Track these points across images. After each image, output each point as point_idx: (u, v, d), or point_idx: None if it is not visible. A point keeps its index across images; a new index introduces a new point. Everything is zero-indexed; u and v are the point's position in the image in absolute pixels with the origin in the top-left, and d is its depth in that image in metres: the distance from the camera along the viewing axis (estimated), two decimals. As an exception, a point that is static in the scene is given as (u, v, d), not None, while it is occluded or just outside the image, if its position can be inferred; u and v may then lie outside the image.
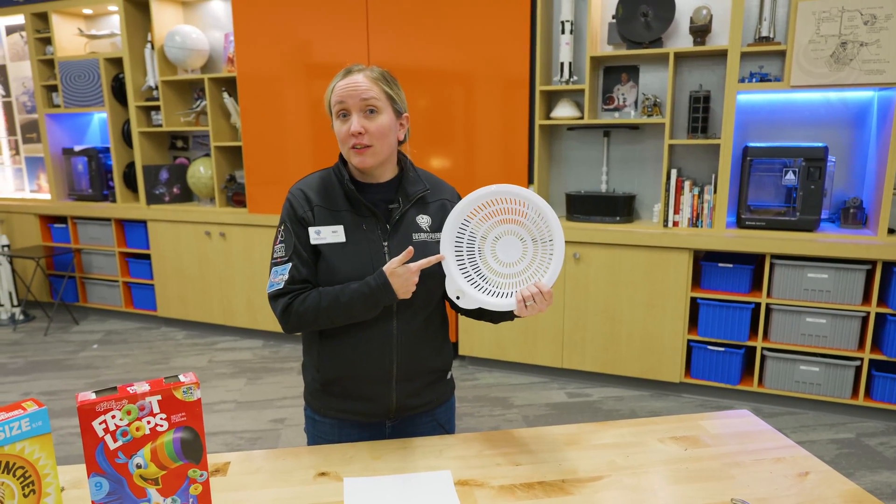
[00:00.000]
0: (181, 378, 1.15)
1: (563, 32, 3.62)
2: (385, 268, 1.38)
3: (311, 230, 1.43)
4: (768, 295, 3.28)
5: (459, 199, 1.60)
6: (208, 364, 4.10)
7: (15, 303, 5.08)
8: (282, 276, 1.43)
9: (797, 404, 3.34)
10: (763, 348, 3.32)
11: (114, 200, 4.97)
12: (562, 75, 3.66)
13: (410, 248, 1.37)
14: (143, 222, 4.78)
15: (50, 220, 5.22)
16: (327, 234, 1.43)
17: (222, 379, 3.85)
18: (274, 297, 1.43)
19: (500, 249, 1.43)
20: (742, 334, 3.33)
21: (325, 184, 1.48)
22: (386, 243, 1.45)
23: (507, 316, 1.47)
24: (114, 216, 4.85)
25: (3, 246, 4.97)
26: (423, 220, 1.50)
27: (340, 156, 1.52)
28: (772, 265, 3.24)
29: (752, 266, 3.32)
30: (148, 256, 4.88)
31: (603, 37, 3.70)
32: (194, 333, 4.73)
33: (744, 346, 3.37)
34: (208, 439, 3.10)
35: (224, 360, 4.18)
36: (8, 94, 5.48)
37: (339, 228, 1.44)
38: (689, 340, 3.46)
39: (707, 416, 1.61)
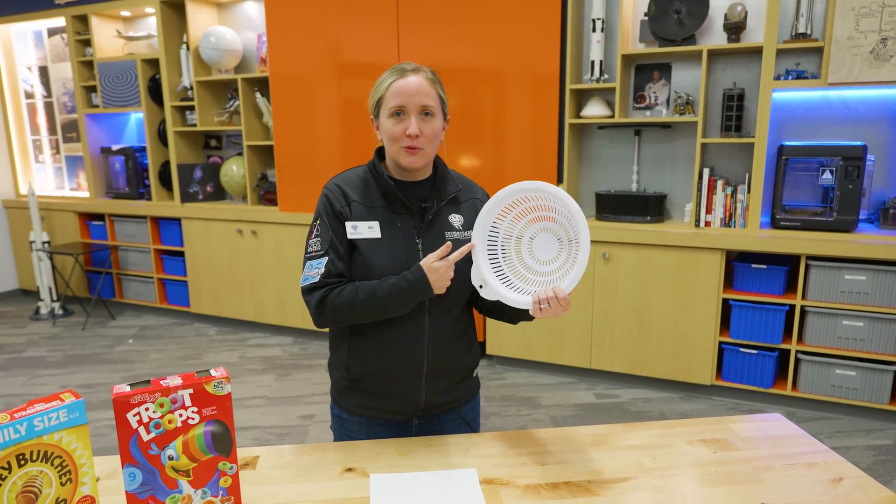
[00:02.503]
0: (212, 372, 1.17)
1: (594, 30, 3.59)
2: (422, 262, 1.39)
3: (348, 225, 1.44)
4: (803, 297, 3.21)
5: (489, 198, 1.60)
6: (239, 360, 4.17)
7: (54, 298, 5.22)
8: (317, 269, 1.43)
9: (833, 409, 3.27)
10: (797, 351, 3.26)
11: (149, 198, 5.08)
12: (592, 73, 3.63)
13: (449, 242, 1.39)
14: (178, 220, 4.88)
15: (88, 218, 5.35)
16: (363, 230, 1.45)
17: (252, 375, 3.90)
18: (308, 291, 1.44)
19: (536, 246, 1.44)
20: (776, 337, 3.27)
21: (362, 180, 1.50)
22: (419, 241, 1.46)
23: (525, 316, 1.47)
24: (149, 214, 4.95)
25: (44, 242, 5.11)
26: (456, 219, 1.52)
27: (377, 153, 1.53)
28: (807, 266, 3.17)
29: (787, 267, 3.25)
30: (182, 253, 4.97)
31: (635, 34, 3.66)
32: (226, 329, 4.81)
33: (777, 349, 3.31)
34: (238, 434, 3.15)
35: (254, 356, 4.24)
36: (49, 95, 5.64)
37: (375, 224, 1.45)
38: (720, 342, 3.41)
39: (738, 419, 1.59)
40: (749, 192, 3.33)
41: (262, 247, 4.52)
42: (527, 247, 1.45)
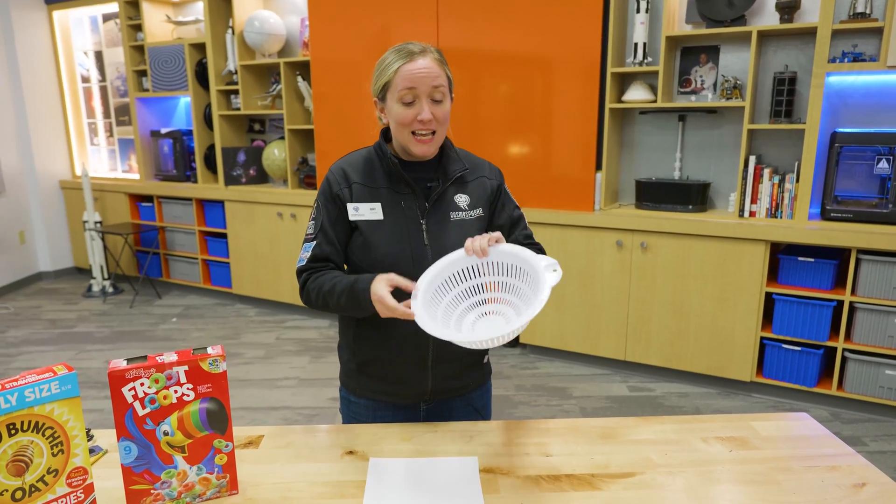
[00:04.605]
0: (208, 350, 1.17)
1: (637, 11, 3.47)
2: (374, 284, 1.30)
3: (350, 206, 1.43)
4: (853, 293, 3.04)
5: (499, 175, 1.56)
6: (276, 341, 4.23)
7: (106, 276, 5.41)
8: (306, 252, 1.46)
9: (881, 411, 3.10)
10: (844, 349, 3.10)
11: (195, 181, 5.20)
12: (635, 56, 3.51)
13: (393, 276, 1.30)
14: (221, 202, 4.97)
15: (138, 199, 5.52)
16: (365, 211, 1.43)
17: (287, 356, 3.96)
18: (298, 273, 1.47)
19: (479, 326, 1.33)
20: (822, 334, 3.12)
21: (367, 161, 1.48)
22: (423, 221, 1.44)
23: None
24: (195, 196, 5.06)
25: (96, 222, 5.30)
26: (462, 199, 1.48)
27: (382, 134, 1.51)
28: (858, 261, 3.00)
29: (836, 261, 3.09)
30: (225, 235, 5.07)
31: (681, 15, 3.52)
32: (265, 311, 4.89)
33: (823, 347, 3.16)
34: (269, 413, 3.20)
35: (291, 337, 4.30)
36: (104, 79, 5.82)
37: (377, 206, 1.43)
38: (762, 338, 3.27)
39: (760, 417, 1.51)
40: (798, 181, 3.17)
41: (301, 230, 4.57)
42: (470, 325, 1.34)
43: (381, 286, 1.28)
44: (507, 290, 1.32)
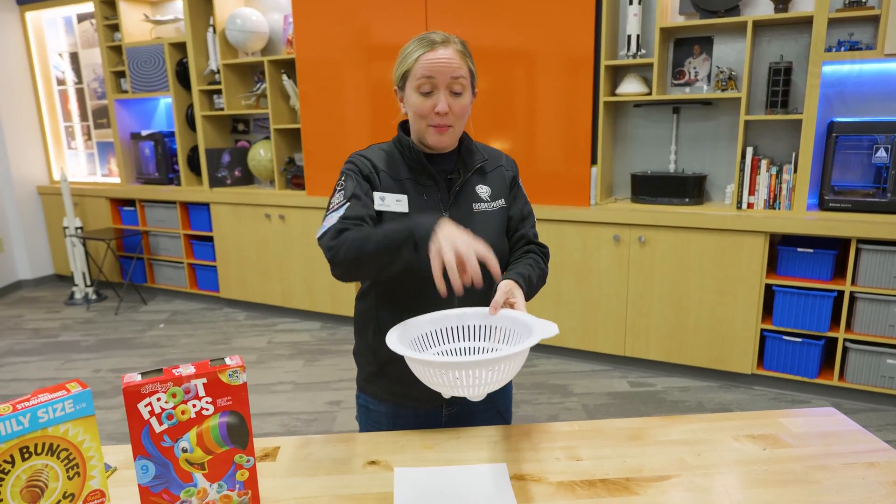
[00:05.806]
0: (227, 361, 1.11)
1: (630, 3, 3.44)
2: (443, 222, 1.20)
3: (376, 195, 1.38)
4: (853, 282, 3.05)
5: (515, 166, 1.53)
6: (267, 345, 4.15)
7: (88, 283, 5.28)
8: (336, 214, 1.31)
9: (882, 400, 3.11)
10: (845, 340, 3.10)
11: (178, 184, 5.08)
12: (629, 49, 3.48)
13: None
14: (206, 205, 4.87)
15: (120, 203, 5.38)
16: (391, 202, 1.38)
17: (280, 360, 3.88)
18: (323, 237, 1.30)
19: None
20: (822, 324, 3.12)
21: (387, 153, 1.44)
22: (446, 213, 1.40)
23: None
24: (178, 199, 4.95)
25: (77, 228, 5.16)
26: (483, 190, 1.45)
27: (400, 127, 1.47)
28: (857, 250, 3.01)
29: (836, 251, 3.09)
30: (211, 238, 4.97)
31: (674, 6, 3.50)
32: (255, 314, 4.80)
33: (823, 337, 3.16)
34: (265, 420, 3.13)
35: (283, 341, 4.22)
36: (80, 81, 5.67)
37: (404, 198, 1.38)
38: (762, 330, 3.27)
39: (787, 413, 1.48)
40: (795, 171, 3.17)
41: (290, 231, 4.49)
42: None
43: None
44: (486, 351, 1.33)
